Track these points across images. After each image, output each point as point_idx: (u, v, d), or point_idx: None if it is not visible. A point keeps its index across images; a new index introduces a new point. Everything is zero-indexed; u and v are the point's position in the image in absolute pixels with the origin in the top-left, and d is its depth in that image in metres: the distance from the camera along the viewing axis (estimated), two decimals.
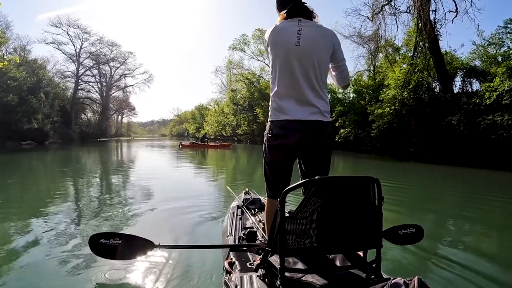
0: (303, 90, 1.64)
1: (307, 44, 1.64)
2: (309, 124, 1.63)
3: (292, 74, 1.65)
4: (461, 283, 2.33)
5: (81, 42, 45.60)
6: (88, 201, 5.11)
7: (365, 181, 1.31)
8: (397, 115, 14.34)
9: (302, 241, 1.26)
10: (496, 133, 11.38)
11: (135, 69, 53.43)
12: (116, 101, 58.11)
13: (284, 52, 1.66)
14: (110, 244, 1.87)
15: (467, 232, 4.01)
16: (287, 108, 1.64)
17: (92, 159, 15.03)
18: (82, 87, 48.19)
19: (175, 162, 13.78)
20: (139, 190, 6.12)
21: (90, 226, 3.54)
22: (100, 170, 10.36)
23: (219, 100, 48.60)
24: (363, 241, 1.35)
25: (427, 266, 2.71)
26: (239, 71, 38.18)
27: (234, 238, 2.16)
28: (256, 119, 34.67)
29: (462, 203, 5.79)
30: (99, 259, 2.26)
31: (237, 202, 2.94)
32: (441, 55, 13.67)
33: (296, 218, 1.24)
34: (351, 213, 1.30)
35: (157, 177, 8.21)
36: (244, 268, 1.67)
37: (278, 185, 1.75)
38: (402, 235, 2.00)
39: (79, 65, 46.12)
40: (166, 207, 4.50)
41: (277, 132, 1.67)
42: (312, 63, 1.66)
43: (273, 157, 1.74)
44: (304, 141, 1.64)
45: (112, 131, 60.14)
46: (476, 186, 8.11)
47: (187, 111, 77.19)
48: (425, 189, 7.34)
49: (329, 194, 1.25)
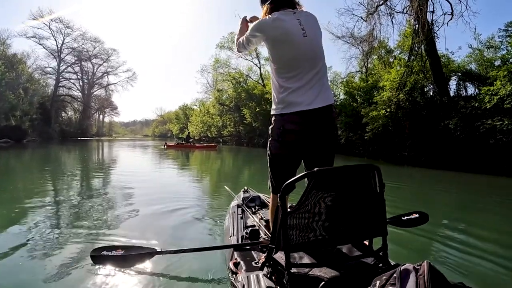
0: (311, 80, 1.65)
1: (312, 33, 1.68)
2: (319, 112, 1.63)
3: (301, 66, 1.66)
4: (469, 267, 2.51)
5: (63, 37, 44.30)
6: (81, 203, 4.79)
7: (365, 169, 1.30)
8: (392, 118, 13.91)
9: (306, 235, 1.24)
10: (495, 138, 11.11)
11: (118, 67, 52.36)
12: (98, 99, 56.99)
13: (293, 45, 1.65)
14: (113, 255, 1.87)
15: (466, 233, 3.87)
16: (296, 101, 1.63)
17: (73, 158, 14.41)
18: (63, 84, 47.03)
19: (164, 164, 13.38)
20: (133, 193, 5.76)
21: (85, 232, 3.32)
22: (87, 171, 9.93)
23: (204, 100, 47.83)
24: (368, 230, 1.33)
25: (434, 251, 2.80)
26: (226, 70, 37.39)
27: (237, 237, 2.14)
28: (243, 120, 33.95)
29: (459, 207, 5.75)
30: (100, 268, 2.25)
31: (237, 201, 2.90)
32: (438, 58, 13.37)
33: (298, 213, 1.23)
34: (354, 202, 1.28)
35: (147, 179, 7.92)
36: (249, 267, 1.64)
37: (284, 180, 1.58)
38: (406, 221, 2.01)
39: (60, 61, 44.78)
40: (163, 211, 4.29)
41: (289, 127, 1.64)
42: (318, 51, 1.70)
43: (282, 151, 1.71)
44: (315, 132, 1.65)
45: (93, 130, 58.97)
46: (474, 191, 8.01)
47: (171, 111, 76.32)
48: (420, 193, 7.29)
49: (329, 185, 1.23)
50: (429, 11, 13.17)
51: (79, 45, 46.40)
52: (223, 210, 3.96)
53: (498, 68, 11.65)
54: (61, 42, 44.33)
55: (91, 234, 3.23)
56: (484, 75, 13.04)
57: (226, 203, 3.82)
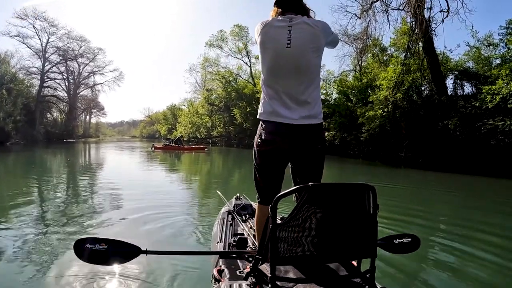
0: (292, 93, 1.61)
1: (298, 45, 1.60)
2: (300, 129, 1.60)
3: (281, 76, 1.63)
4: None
5: (47, 36, 43.04)
6: (68, 205, 4.86)
7: (360, 188, 1.28)
8: (389, 118, 13.44)
9: (294, 249, 1.23)
10: (496, 139, 10.74)
11: (105, 67, 51.14)
12: (84, 100, 55.88)
13: (274, 53, 1.63)
14: (96, 249, 1.77)
15: (464, 242, 3.68)
16: (277, 111, 1.61)
17: (59, 162, 14.02)
18: (48, 85, 45.70)
19: (152, 167, 13.20)
20: (122, 195, 5.78)
21: (72, 231, 3.43)
22: (73, 176, 9.70)
23: (193, 100, 47.00)
24: (357, 250, 1.32)
25: (421, 275, 2.71)
26: (215, 69, 36.60)
27: (224, 244, 2.10)
28: (233, 121, 33.26)
29: (458, 211, 5.53)
30: (82, 265, 2.21)
31: (228, 208, 2.84)
32: (436, 56, 12.98)
33: (288, 226, 1.21)
34: (345, 221, 1.27)
35: (137, 181, 7.92)
36: (233, 276, 1.60)
37: (268, 191, 1.71)
38: (398, 244, 1.84)
39: (45, 60, 43.61)
40: (152, 212, 4.31)
41: (266, 137, 1.63)
42: (302, 64, 1.62)
43: (263, 162, 1.70)
44: (294, 146, 1.62)
45: (80, 131, 57.75)
46: (474, 193, 7.76)
47: (159, 112, 75.65)
48: (418, 196, 7.04)
49: (322, 201, 1.23)
50: (426, 8, 12.77)
51: (64, 44, 45.37)
52: (213, 215, 3.90)
53: (499, 67, 11.29)
54: (46, 41, 43.28)
55: (75, 238, 3.19)
56: (483, 73, 12.71)
57: (216, 208, 3.76)
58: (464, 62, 13.82)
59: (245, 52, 34.14)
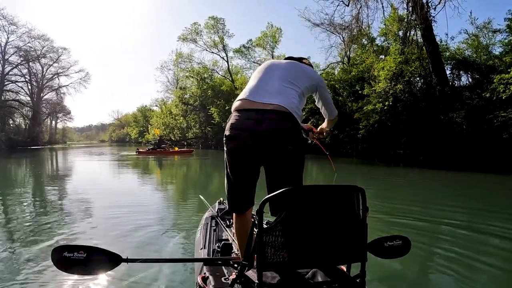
0: (265, 86, 1.52)
1: (290, 68, 1.61)
2: (265, 124, 1.40)
3: (267, 73, 1.58)
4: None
5: (7, 35, 40.21)
6: (38, 217, 4.58)
7: (349, 190, 1.23)
8: (390, 112, 12.31)
9: (281, 255, 1.18)
10: (508, 132, 9.86)
11: (70, 67, 48.41)
12: (49, 104, 52.90)
13: (270, 66, 1.63)
14: (74, 258, 1.64)
15: (463, 245, 3.36)
16: (240, 103, 1.48)
17: (24, 172, 12.59)
18: (9, 88, 42.93)
19: (129, 172, 12.81)
20: (100, 202, 5.62)
21: (45, 244, 3.22)
22: (43, 183, 9.06)
23: (165, 100, 44.60)
24: (346, 254, 1.28)
25: (414, 279, 2.65)
26: (188, 65, 34.47)
27: (208, 251, 2.04)
28: (210, 120, 31.42)
29: (465, 213, 4.97)
30: (60, 275, 2.20)
31: (211, 213, 2.73)
32: (436, 44, 12.01)
33: (274, 230, 1.16)
34: (333, 224, 1.22)
35: (111, 189, 7.68)
36: (218, 283, 1.54)
37: (238, 197, 1.55)
38: (388, 248, 1.74)
39: (4, 62, 41.00)
40: (130, 219, 4.19)
41: (229, 133, 1.46)
42: (294, 75, 1.57)
43: (230, 163, 1.52)
44: (259, 145, 1.41)
45: (45, 138, 54.65)
46: (482, 192, 7.05)
47: (128, 114, 73.66)
48: (418, 198, 6.30)
49: (309, 204, 1.18)
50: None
51: (25, 44, 42.61)
52: (195, 221, 3.78)
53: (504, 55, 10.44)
54: (5, 41, 40.61)
55: (48, 251, 2.60)
56: (483, 62, 11.89)
57: (199, 213, 3.75)
58: (463, 50, 12.99)
59: (221, 46, 32.32)
